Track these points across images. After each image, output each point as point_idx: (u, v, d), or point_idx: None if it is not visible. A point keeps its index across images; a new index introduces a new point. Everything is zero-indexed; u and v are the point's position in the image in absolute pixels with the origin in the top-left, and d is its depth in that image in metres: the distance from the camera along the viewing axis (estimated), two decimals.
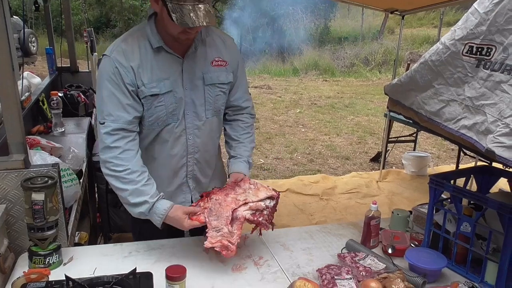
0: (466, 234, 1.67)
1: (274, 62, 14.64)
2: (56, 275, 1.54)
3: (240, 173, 1.87)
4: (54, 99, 3.00)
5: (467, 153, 4.80)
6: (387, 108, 2.61)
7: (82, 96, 3.61)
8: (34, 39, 10.28)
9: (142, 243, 1.83)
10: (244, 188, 1.77)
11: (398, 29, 7.09)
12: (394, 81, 2.37)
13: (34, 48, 10.31)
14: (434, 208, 1.79)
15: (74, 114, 3.47)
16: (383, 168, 5.49)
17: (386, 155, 5.64)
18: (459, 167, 4.79)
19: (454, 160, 5.46)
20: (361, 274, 1.58)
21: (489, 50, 1.74)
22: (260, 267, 1.70)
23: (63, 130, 3.01)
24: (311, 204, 4.63)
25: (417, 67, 2.07)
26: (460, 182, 1.91)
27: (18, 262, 1.66)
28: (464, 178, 1.98)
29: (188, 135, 1.80)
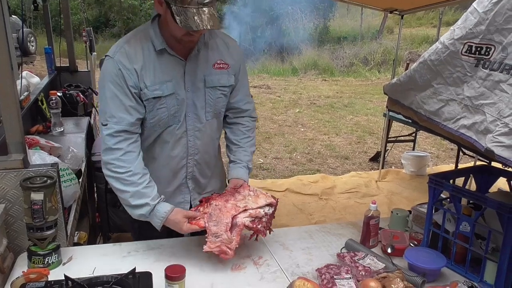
0: (465, 233, 1.67)
1: (273, 62, 14.63)
2: (55, 275, 1.54)
3: (240, 179, 1.87)
4: (53, 98, 3.00)
5: (466, 152, 4.81)
6: (387, 107, 2.61)
7: (81, 95, 3.61)
8: (33, 38, 10.28)
9: (141, 243, 1.83)
10: (243, 194, 1.78)
11: (397, 28, 7.10)
12: (393, 80, 2.37)
13: (33, 48, 10.30)
14: (434, 207, 1.80)
15: (73, 114, 3.46)
16: (382, 168, 5.49)
17: (385, 155, 5.64)
18: (458, 166, 4.80)
19: (453, 159, 5.46)
20: (360, 273, 1.58)
21: (488, 50, 1.74)
22: (259, 266, 1.70)
23: (62, 129, 3.01)
24: (310, 203, 4.63)
25: (416, 67, 2.07)
26: (459, 181, 1.91)
27: (17, 262, 1.65)
28: (463, 178, 1.98)
29: (189, 137, 1.80)
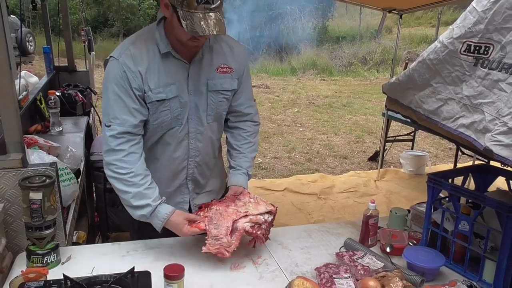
0: (464, 232, 1.67)
1: (272, 61, 14.63)
2: (54, 274, 1.54)
3: (239, 186, 1.88)
4: (52, 98, 2.99)
5: (465, 152, 4.82)
6: (385, 106, 2.62)
7: (80, 95, 3.60)
8: (31, 38, 10.26)
9: (140, 242, 1.83)
10: (244, 201, 1.79)
11: (396, 28, 7.10)
12: (392, 79, 2.37)
13: (32, 48, 10.29)
14: (432, 206, 1.80)
15: (72, 113, 3.46)
16: (381, 167, 5.50)
17: (384, 154, 5.65)
18: (457, 166, 4.80)
19: (452, 159, 5.47)
20: (359, 272, 1.58)
21: (487, 49, 1.74)
22: (258, 266, 1.70)
23: (61, 129, 3.01)
24: (309, 203, 4.63)
25: (415, 66, 2.07)
26: (458, 180, 1.91)
27: (16, 262, 1.65)
28: (462, 177, 1.98)
29: (190, 139, 1.81)
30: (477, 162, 4.33)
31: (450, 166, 5.54)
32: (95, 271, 1.58)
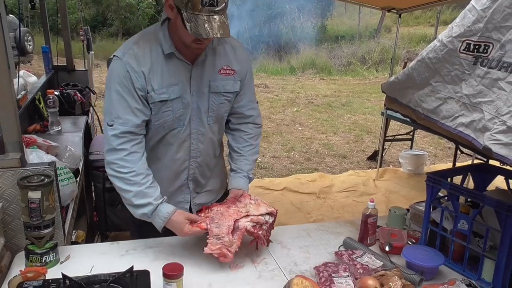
0: (463, 231, 1.67)
1: (271, 61, 14.64)
2: (53, 273, 1.53)
3: (240, 189, 1.88)
4: (51, 97, 2.99)
5: (464, 151, 4.82)
6: (384, 105, 2.61)
7: (79, 94, 3.60)
8: (30, 38, 10.23)
9: (139, 241, 1.83)
10: (245, 203, 1.79)
11: (395, 27, 7.10)
12: (391, 78, 2.36)
13: (30, 47, 10.25)
14: (431, 206, 1.80)
15: (71, 113, 3.45)
16: (380, 167, 5.50)
17: (383, 154, 5.65)
18: (456, 165, 4.80)
19: (451, 158, 5.48)
20: (358, 271, 1.58)
21: (486, 48, 1.73)
22: (257, 265, 1.70)
23: (60, 128, 3.00)
24: (308, 202, 4.63)
25: (414, 65, 2.06)
26: (457, 180, 1.91)
27: (15, 261, 1.65)
28: (461, 176, 1.98)
29: (192, 140, 1.81)
30: (476, 161, 4.34)
31: (449, 165, 5.54)
32: (94, 270, 1.58)
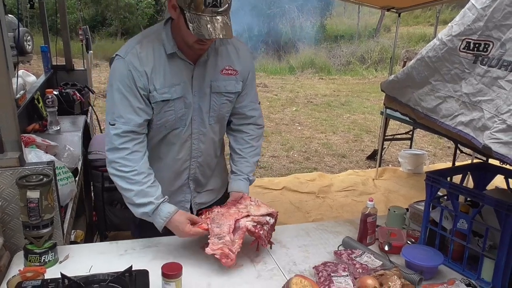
0: (463, 231, 1.67)
1: (270, 60, 14.64)
2: (51, 273, 1.53)
3: (240, 192, 1.88)
4: (50, 97, 2.98)
5: (464, 150, 4.81)
6: (384, 104, 2.61)
7: (78, 94, 3.59)
8: (29, 37, 10.22)
9: (138, 241, 1.83)
10: (245, 204, 1.80)
11: (394, 27, 7.11)
12: (390, 77, 2.36)
13: (30, 47, 10.25)
14: (431, 205, 1.79)
15: (70, 112, 3.45)
16: (380, 166, 5.50)
17: (382, 153, 5.65)
18: (456, 164, 4.80)
19: (450, 158, 5.47)
20: (357, 271, 1.58)
21: (486, 46, 1.73)
22: (256, 264, 1.70)
23: (59, 128, 3.00)
24: (307, 202, 4.63)
25: (413, 64, 2.05)
26: (457, 179, 1.91)
27: (14, 261, 1.65)
28: (461, 175, 1.98)
29: (193, 140, 1.81)
30: (475, 160, 4.33)
31: (448, 164, 5.54)
32: (93, 270, 1.58)
